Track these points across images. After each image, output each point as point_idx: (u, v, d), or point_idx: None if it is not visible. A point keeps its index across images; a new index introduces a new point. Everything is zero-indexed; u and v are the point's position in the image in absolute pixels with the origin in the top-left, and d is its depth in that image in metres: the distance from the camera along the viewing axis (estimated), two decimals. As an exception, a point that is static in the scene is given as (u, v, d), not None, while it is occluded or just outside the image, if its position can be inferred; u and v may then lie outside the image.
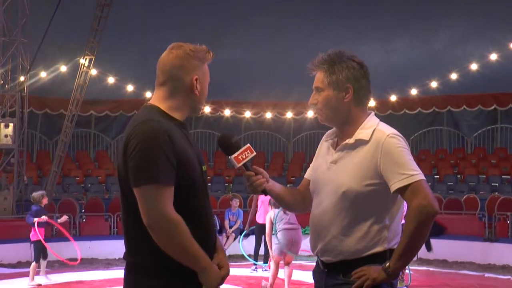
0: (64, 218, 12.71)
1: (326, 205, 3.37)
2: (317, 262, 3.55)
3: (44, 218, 11.72)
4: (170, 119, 3.26)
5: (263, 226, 11.98)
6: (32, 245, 11.99)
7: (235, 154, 3.40)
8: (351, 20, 19.43)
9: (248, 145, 3.45)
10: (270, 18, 18.62)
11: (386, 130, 3.32)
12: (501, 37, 18.64)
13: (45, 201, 12.12)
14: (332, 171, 3.39)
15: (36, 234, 11.78)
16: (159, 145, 3.05)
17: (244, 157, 3.41)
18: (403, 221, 3.31)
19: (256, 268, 13.90)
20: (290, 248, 10.43)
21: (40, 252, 11.94)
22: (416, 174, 3.17)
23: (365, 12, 18.88)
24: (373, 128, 3.33)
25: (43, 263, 12.27)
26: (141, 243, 3.16)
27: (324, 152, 3.56)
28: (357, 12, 19.00)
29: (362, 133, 3.33)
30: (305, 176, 3.75)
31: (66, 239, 13.95)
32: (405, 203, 3.30)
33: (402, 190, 3.16)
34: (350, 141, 3.35)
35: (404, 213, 3.34)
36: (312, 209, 3.51)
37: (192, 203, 3.19)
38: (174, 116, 3.29)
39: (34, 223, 11.68)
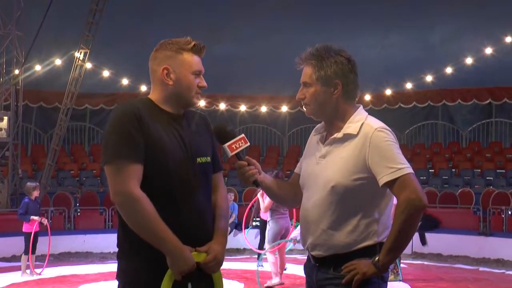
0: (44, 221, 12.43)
1: (315, 199, 3.36)
2: (308, 257, 3.55)
3: (36, 219, 11.71)
4: (158, 108, 3.32)
5: (264, 222, 12.07)
6: (24, 236, 11.94)
7: (229, 143, 3.39)
8: (347, 15, 19.43)
9: (243, 135, 3.45)
10: (266, 13, 18.60)
11: (374, 124, 3.31)
12: (496, 32, 18.65)
13: (35, 193, 12.02)
14: (321, 165, 3.39)
15: (28, 226, 11.76)
16: (122, 125, 3.13)
17: (237, 146, 3.41)
18: None
19: (261, 263, 13.75)
20: (283, 235, 10.64)
21: (29, 244, 11.84)
22: (404, 167, 3.16)
23: (361, 7, 18.87)
24: (361, 122, 3.33)
25: (32, 257, 12.16)
26: (119, 228, 3.27)
27: (313, 146, 3.55)
28: (353, 6, 18.99)
29: (350, 127, 3.33)
30: (295, 171, 3.75)
31: (60, 233, 13.96)
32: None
33: (390, 184, 3.16)
34: (338, 135, 3.35)
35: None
36: (302, 204, 3.51)
37: (162, 187, 3.20)
38: (165, 109, 3.34)
39: (28, 219, 11.67)
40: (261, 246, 13.78)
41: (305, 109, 3.46)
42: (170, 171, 3.22)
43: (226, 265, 3.54)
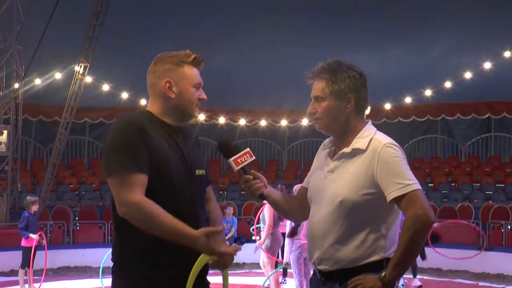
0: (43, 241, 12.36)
1: (323, 214, 3.37)
2: (314, 271, 3.55)
3: (34, 237, 11.70)
4: (158, 121, 3.34)
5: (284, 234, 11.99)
6: (22, 250, 11.89)
7: (234, 157, 3.41)
8: (346, 30, 19.45)
9: (248, 149, 3.47)
10: (266, 27, 18.62)
11: (383, 139, 3.32)
12: (495, 46, 18.69)
13: (34, 208, 12.01)
14: (329, 180, 3.39)
15: (27, 241, 11.73)
16: (126, 136, 3.13)
17: (243, 160, 3.42)
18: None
19: (285, 279, 13.64)
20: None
21: (28, 259, 11.81)
22: (412, 183, 3.18)
23: (360, 22, 18.90)
24: (370, 137, 3.34)
25: (28, 271, 12.09)
26: (116, 243, 3.33)
27: (321, 161, 3.56)
28: (352, 21, 19.02)
29: (359, 142, 3.34)
30: (302, 185, 3.76)
31: (59, 247, 13.93)
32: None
33: (398, 200, 3.16)
34: (347, 150, 3.36)
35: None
36: (309, 218, 3.51)
37: (165, 198, 3.19)
38: (165, 121, 3.36)
39: (27, 236, 11.66)
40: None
41: (316, 123, 3.46)
42: (173, 183, 3.23)
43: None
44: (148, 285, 3.18)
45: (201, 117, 20.74)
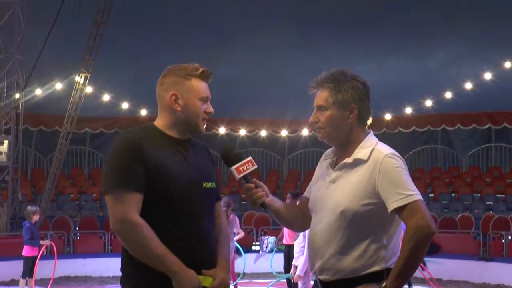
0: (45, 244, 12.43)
1: (324, 223, 3.36)
2: (315, 281, 3.55)
3: (45, 243, 11.78)
4: (163, 135, 3.34)
5: (289, 246, 11.90)
6: (23, 260, 11.87)
7: (237, 165, 3.43)
8: (346, 40, 19.50)
9: (250, 158, 3.49)
10: (265, 38, 18.66)
11: (384, 150, 3.33)
12: (495, 57, 18.73)
13: (35, 217, 11.99)
14: (330, 190, 3.39)
15: (30, 250, 11.72)
16: (120, 153, 3.17)
17: (245, 169, 3.44)
18: None
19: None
20: None
21: (29, 268, 11.80)
22: (414, 194, 3.18)
23: (360, 32, 18.95)
24: (371, 147, 3.34)
25: (29, 281, 12.07)
26: (124, 252, 3.27)
27: (323, 171, 3.56)
28: (352, 32, 19.07)
29: (360, 152, 3.34)
30: (304, 194, 3.76)
31: (60, 257, 13.90)
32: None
33: (399, 210, 3.17)
34: (348, 160, 3.36)
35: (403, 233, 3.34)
36: (311, 228, 3.51)
37: (167, 213, 3.22)
38: (170, 134, 3.37)
39: (37, 244, 11.69)
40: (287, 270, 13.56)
41: (318, 132, 3.46)
42: (175, 196, 3.23)
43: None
44: None
45: (202, 127, 20.68)
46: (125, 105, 20.81)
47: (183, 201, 3.26)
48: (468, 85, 19.48)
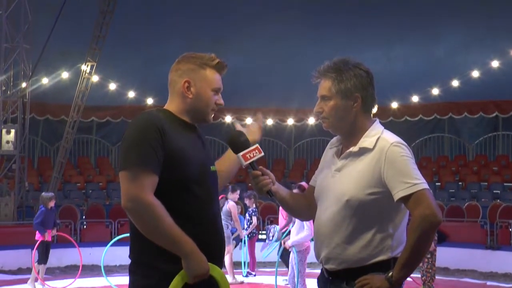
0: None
1: (329, 213, 3.36)
2: (321, 270, 3.54)
3: (50, 233, 11.80)
4: (178, 120, 3.35)
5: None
6: (39, 245, 11.89)
7: (243, 152, 3.43)
8: (353, 28, 19.44)
9: (257, 145, 3.49)
10: (272, 26, 18.63)
11: (390, 138, 3.31)
12: (502, 45, 18.65)
13: (51, 203, 12.03)
14: (336, 179, 3.38)
15: (39, 235, 11.78)
16: (143, 133, 3.12)
17: (252, 155, 3.45)
18: None
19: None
20: None
21: (44, 253, 11.87)
22: (420, 183, 3.16)
23: (367, 20, 18.89)
24: (377, 136, 3.32)
25: (42, 268, 12.14)
26: (135, 239, 3.23)
27: (328, 159, 3.55)
28: (359, 19, 19.01)
29: (366, 141, 3.32)
30: (310, 183, 3.74)
31: (68, 245, 13.95)
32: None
33: (405, 199, 3.15)
34: (354, 149, 3.34)
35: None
36: (316, 217, 3.50)
37: (186, 197, 3.21)
38: (183, 118, 3.37)
39: (43, 231, 11.72)
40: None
41: (323, 122, 3.44)
42: (194, 181, 3.24)
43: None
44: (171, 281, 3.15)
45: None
46: (131, 94, 20.82)
47: (200, 186, 3.26)
48: (475, 73, 19.42)
